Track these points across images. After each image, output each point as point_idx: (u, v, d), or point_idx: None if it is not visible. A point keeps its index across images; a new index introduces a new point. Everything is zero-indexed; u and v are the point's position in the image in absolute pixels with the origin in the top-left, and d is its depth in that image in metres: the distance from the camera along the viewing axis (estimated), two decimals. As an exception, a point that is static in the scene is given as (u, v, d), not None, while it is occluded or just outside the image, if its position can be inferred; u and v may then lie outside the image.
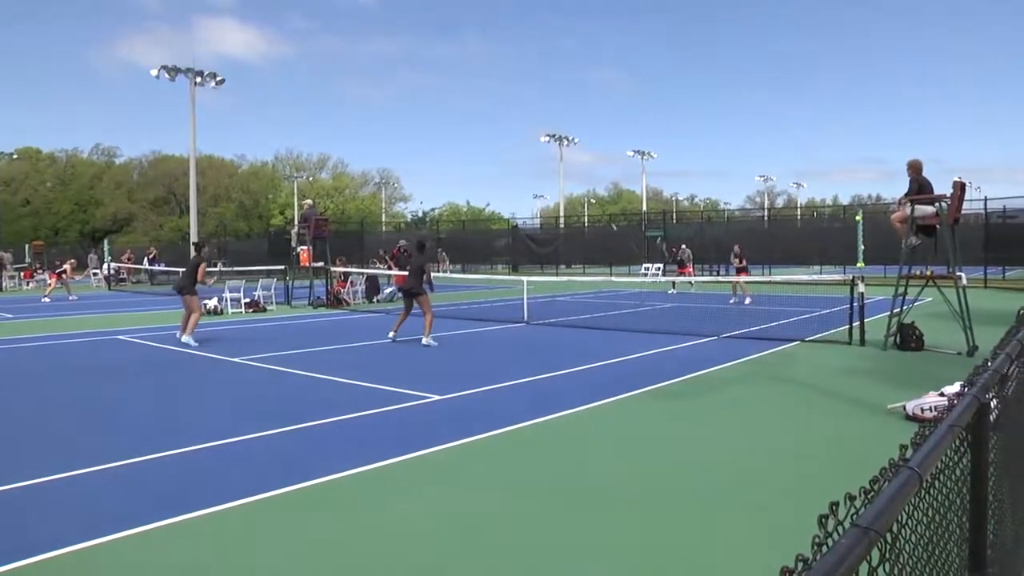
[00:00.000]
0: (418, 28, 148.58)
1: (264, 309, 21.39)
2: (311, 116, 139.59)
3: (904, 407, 7.37)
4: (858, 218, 16.01)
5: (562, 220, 57.90)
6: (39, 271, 39.40)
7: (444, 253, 44.33)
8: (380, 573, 4.07)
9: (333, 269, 23.38)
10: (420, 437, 6.79)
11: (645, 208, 73.15)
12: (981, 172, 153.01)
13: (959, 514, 2.09)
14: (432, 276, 14.00)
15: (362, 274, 25.11)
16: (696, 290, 27.25)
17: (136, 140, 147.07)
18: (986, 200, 29.55)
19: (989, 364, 2.44)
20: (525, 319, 16.94)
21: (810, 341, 13.12)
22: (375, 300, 24.45)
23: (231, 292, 21.09)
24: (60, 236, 75.38)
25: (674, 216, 62.91)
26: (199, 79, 42.38)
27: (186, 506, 4.99)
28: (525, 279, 19.59)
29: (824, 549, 1.13)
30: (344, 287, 23.85)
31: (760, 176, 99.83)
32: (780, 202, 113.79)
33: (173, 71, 41.48)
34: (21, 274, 38.07)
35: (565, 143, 66.33)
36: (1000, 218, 29.64)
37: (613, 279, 31.08)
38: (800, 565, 1.07)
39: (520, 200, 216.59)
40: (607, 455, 6.34)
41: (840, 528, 1.21)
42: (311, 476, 5.63)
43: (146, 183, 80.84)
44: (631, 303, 22.63)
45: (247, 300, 21.26)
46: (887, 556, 1.34)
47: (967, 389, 2.08)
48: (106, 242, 39.57)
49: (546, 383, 9.58)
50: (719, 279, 28.35)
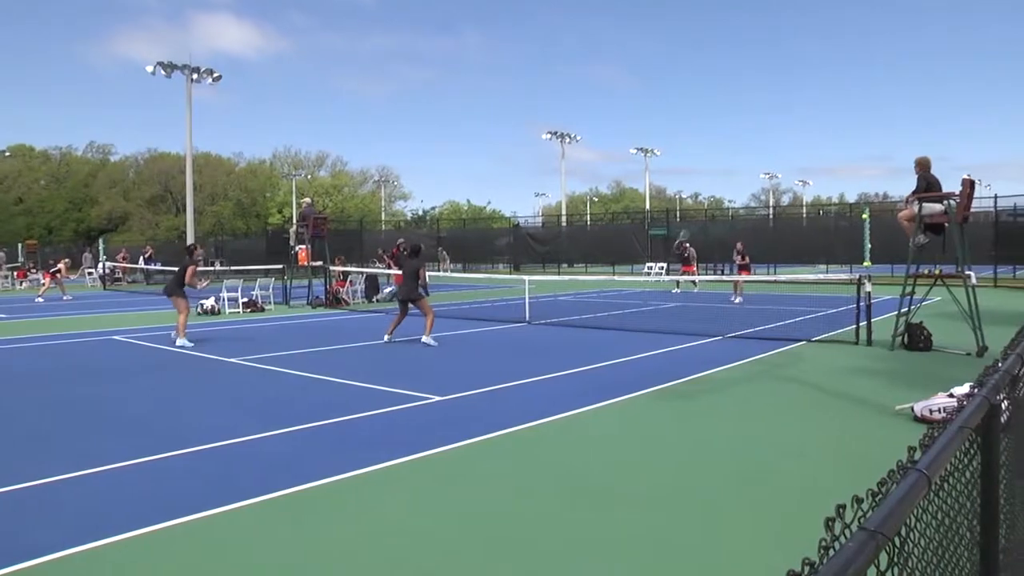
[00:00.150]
0: (417, 24, 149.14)
1: (262, 309, 21.41)
2: (309, 113, 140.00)
3: (912, 408, 7.36)
4: (865, 216, 16.05)
5: (564, 219, 57.83)
6: (32, 270, 39.46)
7: (445, 252, 44.38)
8: (385, 574, 4.09)
9: (332, 268, 23.41)
10: (421, 438, 6.79)
11: (648, 206, 73.26)
12: (991, 169, 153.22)
13: (969, 518, 2.08)
14: (427, 279, 13.95)
15: (361, 273, 25.14)
16: (700, 289, 27.23)
17: (132, 137, 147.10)
18: (996, 198, 29.56)
19: (999, 365, 2.43)
20: (527, 319, 16.94)
21: (816, 341, 13.12)
22: (375, 300, 24.46)
23: (228, 292, 21.12)
24: (54, 235, 75.47)
25: (678, 214, 62.94)
26: (195, 76, 42.44)
27: (188, 508, 4.99)
28: (527, 278, 19.60)
29: (831, 552, 1.13)
30: (343, 287, 23.85)
31: (765, 173, 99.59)
32: (785, 200, 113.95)
33: (169, 67, 41.54)
34: (14, 274, 38.14)
35: (567, 140, 66.40)
36: (1011, 216, 29.63)
37: (616, 278, 31.11)
38: (807, 569, 1.07)
39: (522, 198, 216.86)
40: (611, 456, 6.34)
41: (847, 531, 1.21)
42: (312, 478, 5.63)
43: (142, 181, 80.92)
44: (634, 303, 22.64)
45: (245, 300, 21.28)
46: (895, 560, 1.34)
47: (977, 390, 2.08)
48: (101, 241, 39.58)
49: (549, 384, 9.57)
50: (723, 278, 28.37)
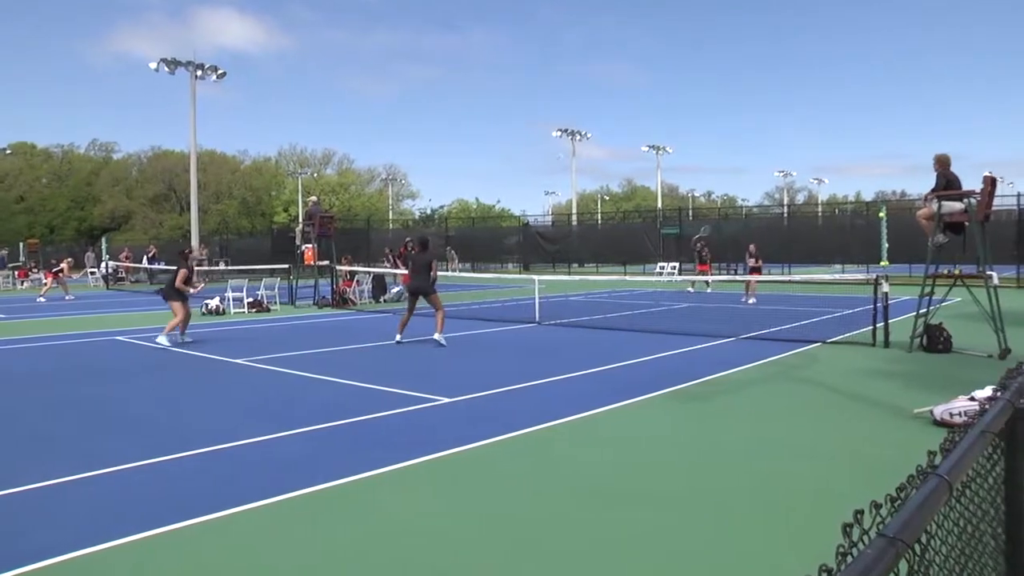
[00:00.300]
0: (421, 21, 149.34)
1: (267, 309, 21.46)
2: (315, 111, 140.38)
3: (931, 412, 7.31)
4: (882, 215, 15.94)
5: (575, 217, 57.75)
6: (34, 270, 39.67)
7: (453, 251, 44.40)
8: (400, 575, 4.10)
9: (338, 268, 23.45)
10: (436, 439, 6.81)
11: (660, 205, 73.15)
12: (1013, 166, 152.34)
13: (993, 525, 2.07)
14: (437, 275, 13.94)
15: (368, 273, 25.18)
16: (712, 290, 27.19)
17: (135, 135, 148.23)
18: (1019, 196, 29.33)
19: (1023, 367, 2.41)
20: (537, 320, 16.93)
21: (832, 343, 13.07)
22: (382, 300, 24.50)
23: (233, 292, 21.20)
24: (56, 234, 75.92)
25: (690, 213, 62.78)
26: (199, 72, 42.57)
27: (202, 509, 5.01)
28: (537, 278, 19.59)
29: (849, 559, 1.13)
30: (350, 286, 23.90)
31: (779, 171, 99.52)
32: (800, 198, 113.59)
33: (172, 64, 41.68)
34: (15, 273, 38.34)
35: (577, 138, 66.41)
36: (1033, 214, 29.41)
37: (627, 278, 31.07)
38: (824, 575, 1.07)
39: (531, 197, 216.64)
40: (626, 457, 6.33)
41: (865, 537, 1.20)
42: (325, 479, 5.66)
43: (145, 179, 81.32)
44: (646, 303, 22.61)
45: (250, 300, 21.33)
46: (916, 568, 1.33)
47: (1000, 393, 2.07)
48: (104, 240, 39.76)
49: (562, 385, 9.57)
50: (735, 279, 28.30)
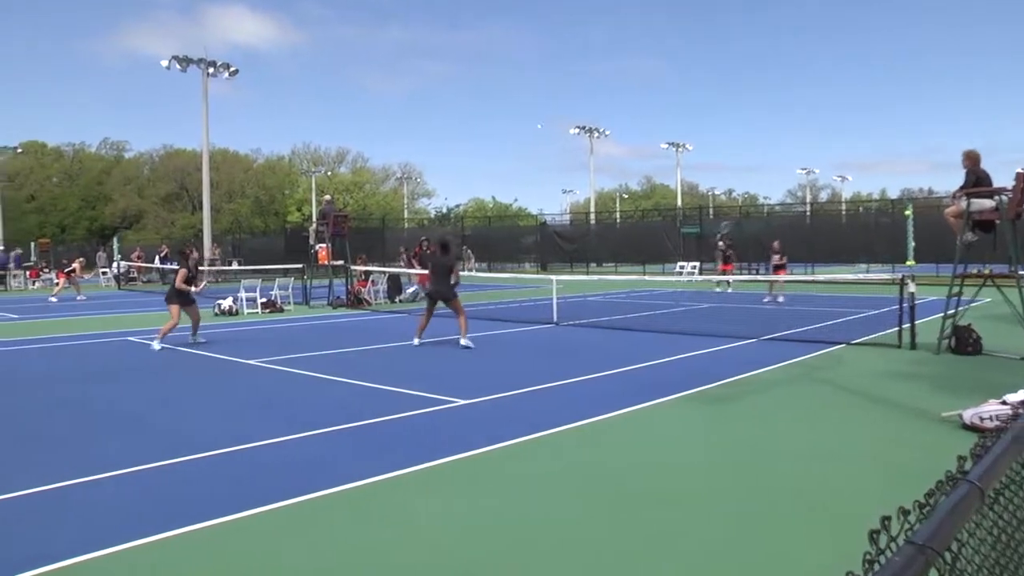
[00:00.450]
0: (436, 15, 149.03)
1: (281, 309, 21.57)
2: (328, 108, 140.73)
3: (960, 415, 7.25)
4: (908, 213, 15.83)
5: (593, 216, 57.57)
6: (45, 270, 40.03)
7: (470, 251, 44.43)
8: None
9: (353, 268, 23.53)
10: (458, 440, 6.83)
11: (680, 203, 72.86)
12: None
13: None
14: (459, 277, 13.98)
15: (384, 273, 25.24)
16: (733, 289, 27.09)
17: (146, 134, 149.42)
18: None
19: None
20: (555, 320, 16.93)
21: (857, 344, 12.98)
22: (397, 300, 24.55)
23: (247, 292, 21.32)
24: (67, 233, 76.56)
25: (711, 211, 62.53)
26: (211, 70, 42.74)
27: (218, 511, 5.05)
28: (554, 278, 19.58)
29: (876, 567, 1.13)
30: (365, 286, 23.97)
31: (802, 169, 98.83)
32: (823, 196, 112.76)
33: (184, 62, 41.88)
34: (27, 273, 38.71)
35: (596, 135, 66.27)
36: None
37: (647, 278, 30.99)
38: (852, 583, 1.07)
39: (549, 195, 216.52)
40: (651, 458, 6.33)
41: (893, 544, 1.20)
42: (345, 480, 5.70)
43: (157, 178, 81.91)
44: (666, 303, 22.54)
45: (263, 300, 21.44)
46: (946, 577, 1.33)
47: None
48: (115, 240, 40.02)
49: (582, 386, 9.57)
50: (757, 278, 28.19)
